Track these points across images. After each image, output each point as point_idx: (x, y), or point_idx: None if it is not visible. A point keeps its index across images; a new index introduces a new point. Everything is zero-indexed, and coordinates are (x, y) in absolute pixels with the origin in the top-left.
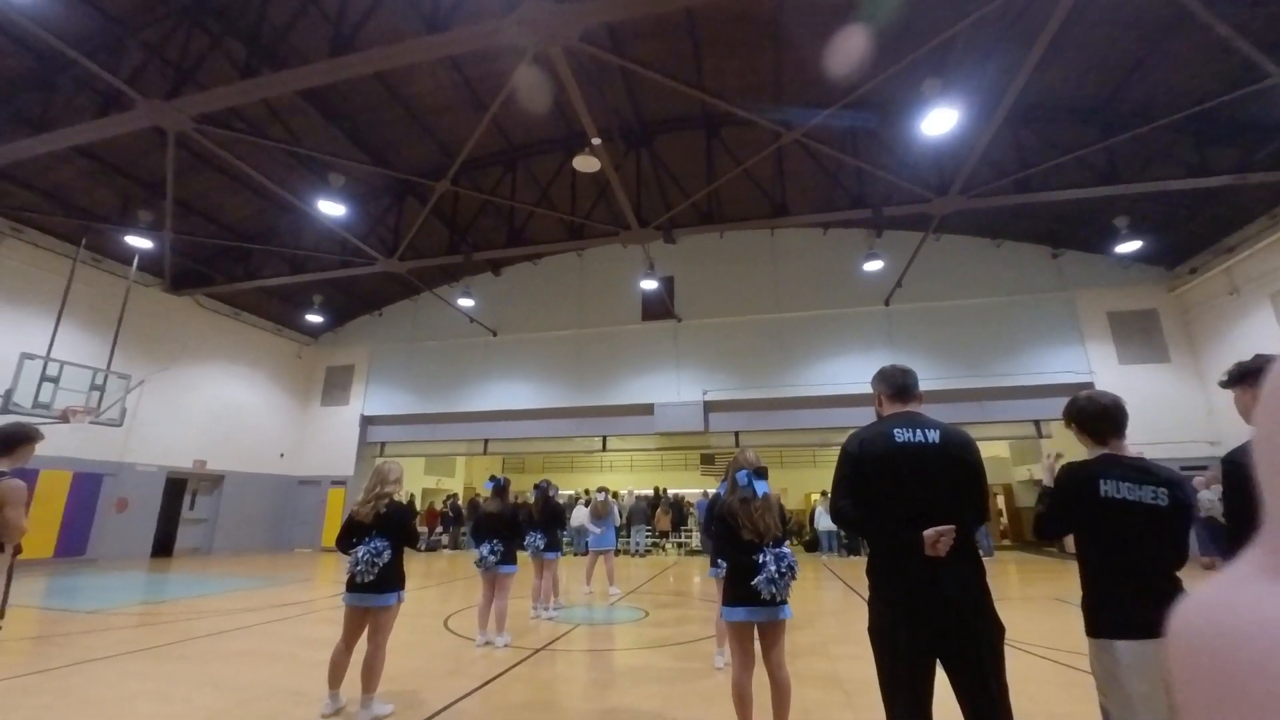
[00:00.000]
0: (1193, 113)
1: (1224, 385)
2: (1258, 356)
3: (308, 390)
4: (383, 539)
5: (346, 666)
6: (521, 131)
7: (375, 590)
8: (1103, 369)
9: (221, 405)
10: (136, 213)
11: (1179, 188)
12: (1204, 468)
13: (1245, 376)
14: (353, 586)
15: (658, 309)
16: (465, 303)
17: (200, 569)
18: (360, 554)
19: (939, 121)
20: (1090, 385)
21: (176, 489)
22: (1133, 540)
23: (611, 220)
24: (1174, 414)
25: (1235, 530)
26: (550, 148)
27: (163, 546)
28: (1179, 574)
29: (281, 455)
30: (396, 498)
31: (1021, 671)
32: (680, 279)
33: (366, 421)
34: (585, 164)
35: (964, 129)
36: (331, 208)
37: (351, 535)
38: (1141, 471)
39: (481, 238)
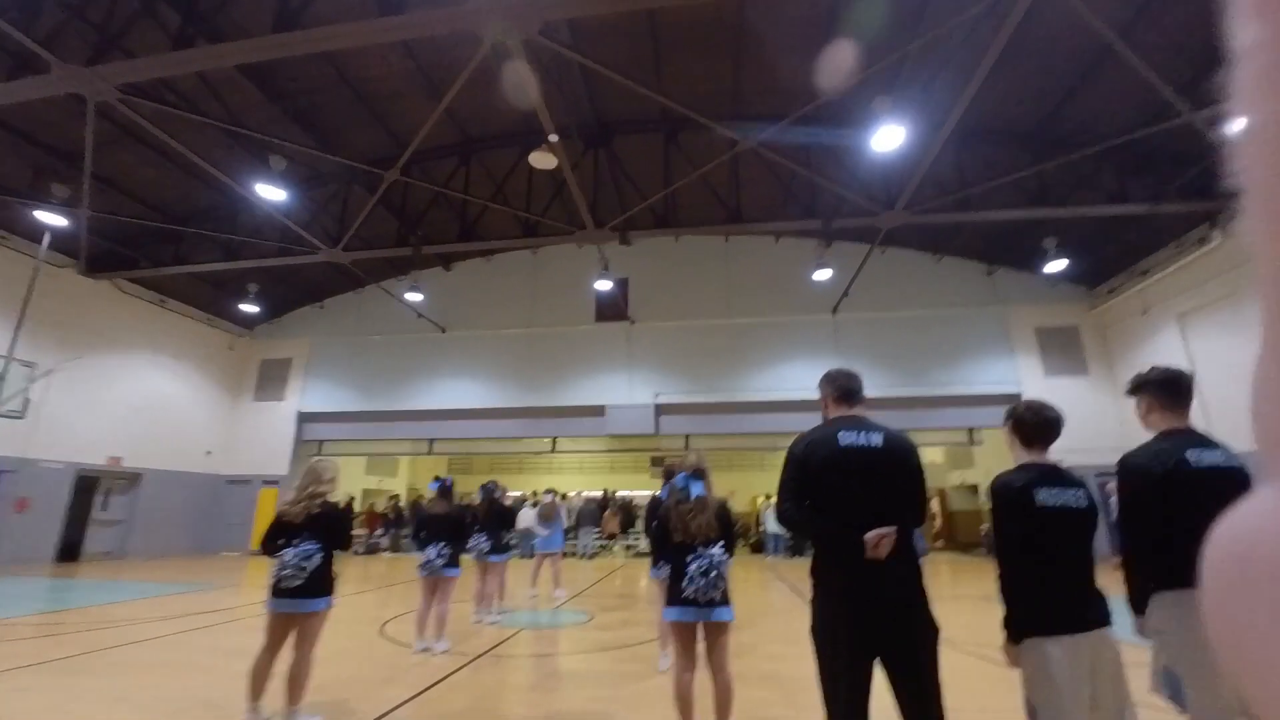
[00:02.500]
0: (1114, 144)
1: (1129, 394)
2: (1153, 369)
3: (240, 384)
4: (313, 541)
5: (268, 676)
6: (477, 124)
7: (304, 595)
8: (1029, 380)
9: (141, 398)
10: (49, 186)
11: (1100, 213)
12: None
13: (1141, 387)
14: (279, 591)
15: (611, 310)
16: (413, 297)
17: (112, 574)
18: (288, 556)
19: (887, 138)
20: (1018, 396)
21: (87, 488)
22: (1063, 543)
23: (567, 219)
24: (1091, 424)
25: (1128, 526)
26: (507, 142)
27: (69, 550)
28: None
29: (209, 453)
30: (330, 498)
31: (952, 668)
32: (635, 281)
33: (304, 418)
34: (542, 160)
35: (910, 147)
36: (271, 192)
37: (279, 537)
38: (1063, 477)
39: (432, 231)
